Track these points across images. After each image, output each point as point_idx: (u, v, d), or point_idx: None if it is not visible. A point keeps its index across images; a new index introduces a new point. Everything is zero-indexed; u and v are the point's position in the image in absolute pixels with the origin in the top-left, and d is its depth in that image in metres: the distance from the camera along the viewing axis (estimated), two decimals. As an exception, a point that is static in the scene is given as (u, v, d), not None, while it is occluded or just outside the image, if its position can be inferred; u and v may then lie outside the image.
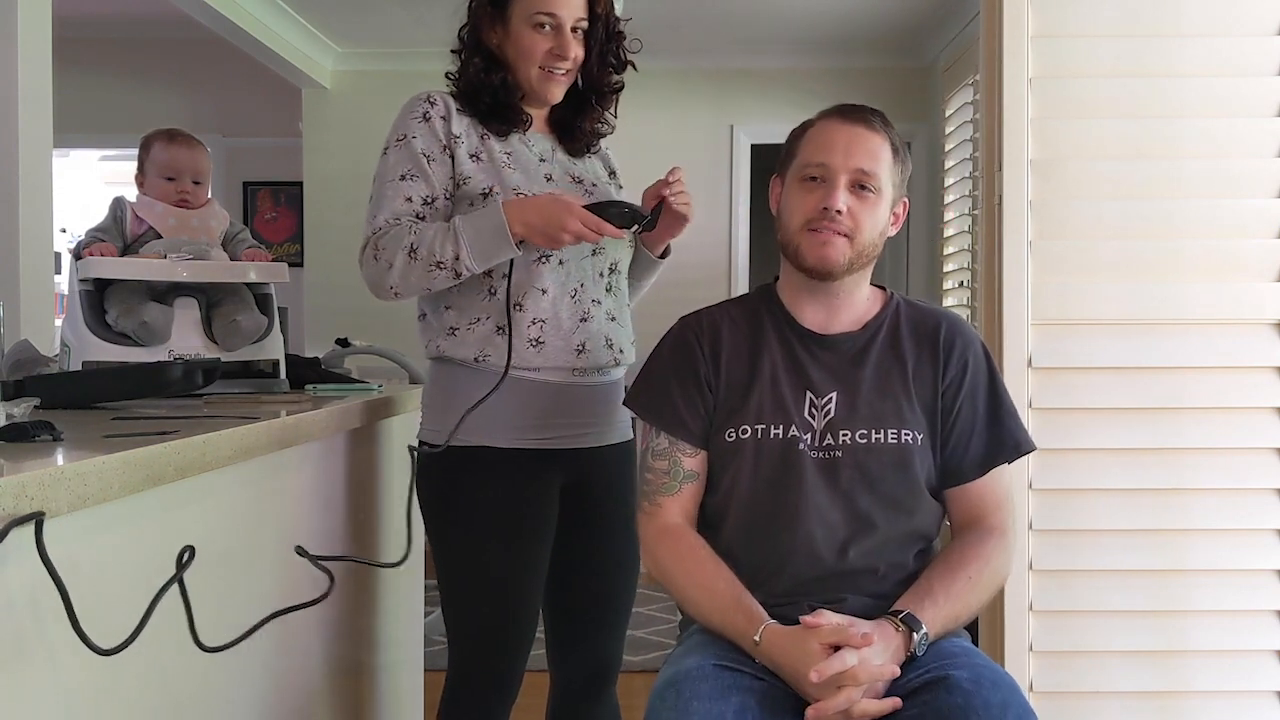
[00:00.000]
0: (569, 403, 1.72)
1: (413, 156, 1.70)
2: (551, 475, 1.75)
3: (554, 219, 1.62)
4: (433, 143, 1.71)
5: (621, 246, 1.82)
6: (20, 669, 0.94)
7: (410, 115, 1.73)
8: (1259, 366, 1.99)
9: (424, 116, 1.72)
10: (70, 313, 1.82)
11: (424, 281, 1.65)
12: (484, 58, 1.75)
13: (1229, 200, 2.00)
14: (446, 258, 1.63)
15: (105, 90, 5.79)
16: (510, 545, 1.71)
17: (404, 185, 1.69)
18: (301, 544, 1.51)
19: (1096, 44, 2.00)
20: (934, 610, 1.43)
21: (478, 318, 1.71)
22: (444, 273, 1.64)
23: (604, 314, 1.78)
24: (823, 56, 5.40)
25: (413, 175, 1.70)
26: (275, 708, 1.52)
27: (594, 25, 1.76)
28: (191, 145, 1.99)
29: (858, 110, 1.56)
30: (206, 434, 1.19)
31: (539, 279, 1.71)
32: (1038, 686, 1.97)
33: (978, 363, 1.57)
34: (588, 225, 1.62)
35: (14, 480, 0.85)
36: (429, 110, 1.72)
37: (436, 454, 1.70)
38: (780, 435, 1.52)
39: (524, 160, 1.75)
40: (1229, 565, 1.99)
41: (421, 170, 1.70)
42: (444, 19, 1.82)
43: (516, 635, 1.74)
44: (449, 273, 1.64)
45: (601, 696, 1.88)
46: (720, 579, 1.48)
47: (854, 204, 1.51)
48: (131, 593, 1.06)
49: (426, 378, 1.81)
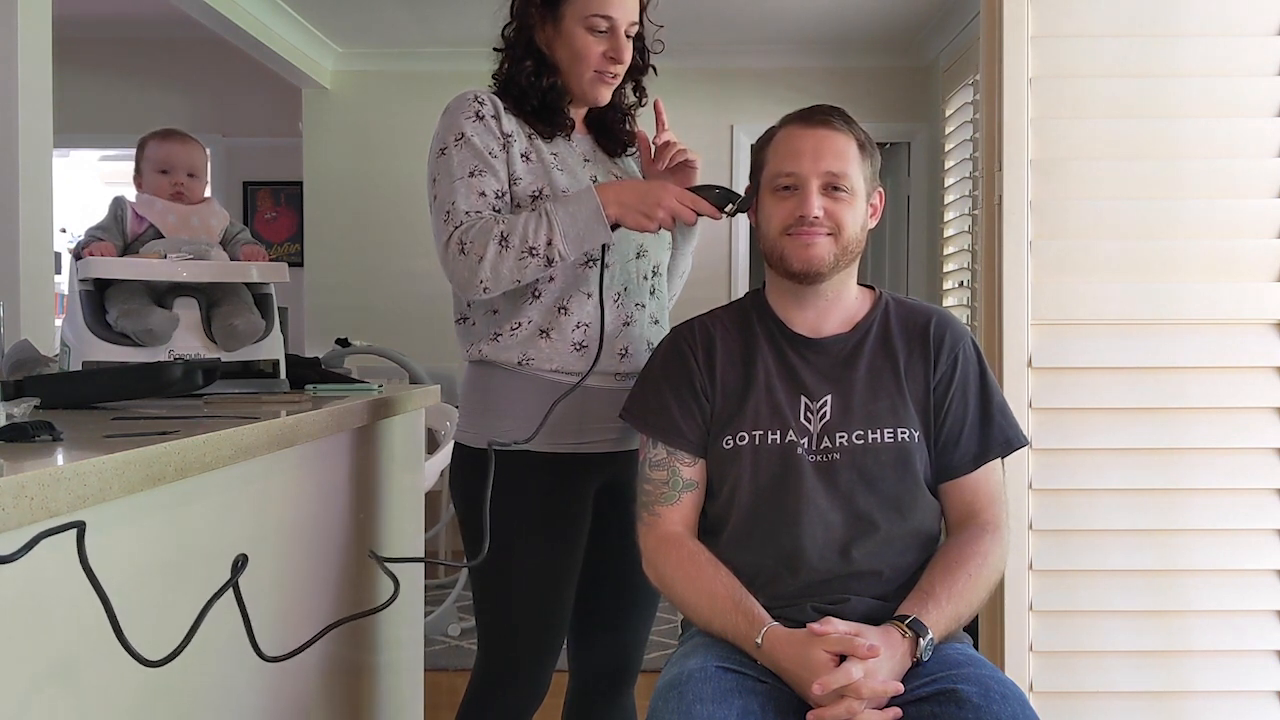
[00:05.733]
0: (609, 407, 1.70)
1: (477, 153, 1.66)
2: (588, 479, 1.75)
3: (650, 197, 1.60)
4: (491, 140, 1.67)
5: (663, 248, 1.81)
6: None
7: (463, 114, 1.68)
8: (1259, 366, 1.99)
9: (477, 115, 1.68)
10: (70, 313, 1.82)
11: (516, 272, 1.60)
12: (535, 60, 1.72)
13: (1229, 200, 2.00)
14: (539, 243, 1.59)
15: (105, 90, 5.80)
16: (547, 549, 1.71)
17: (474, 181, 1.65)
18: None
19: (1096, 44, 2.00)
20: (938, 612, 1.43)
21: (520, 321, 1.69)
22: (536, 260, 1.59)
23: (647, 317, 1.77)
24: (823, 56, 5.40)
25: (480, 171, 1.65)
26: (275, 708, 1.52)
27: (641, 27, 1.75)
28: (185, 140, 1.99)
29: (819, 112, 1.56)
30: (206, 434, 1.19)
31: (584, 283, 1.70)
32: (1038, 686, 1.97)
33: (968, 358, 1.57)
34: (684, 203, 1.61)
35: (14, 480, 0.85)
36: (480, 109, 1.68)
37: (476, 456, 1.69)
38: (778, 440, 1.52)
39: (569, 162, 1.74)
40: (1229, 565, 1.99)
41: (488, 165, 1.66)
42: (445, 18, 1.82)
43: (550, 638, 1.75)
44: (541, 260, 1.60)
45: (619, 698, 1.89)
46: (719, 582, 1.48)
47: (829, 205, 1.52)
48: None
49: (464, 380, 1.79)
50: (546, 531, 1.71)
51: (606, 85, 1.73)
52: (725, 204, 1.65)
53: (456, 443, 1.78)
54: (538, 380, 1.68)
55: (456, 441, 1.78)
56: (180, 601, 1.16)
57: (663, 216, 1.61)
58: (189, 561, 1.22)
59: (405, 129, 5.28)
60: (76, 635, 1.00)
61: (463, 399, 1.79)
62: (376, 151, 5.40)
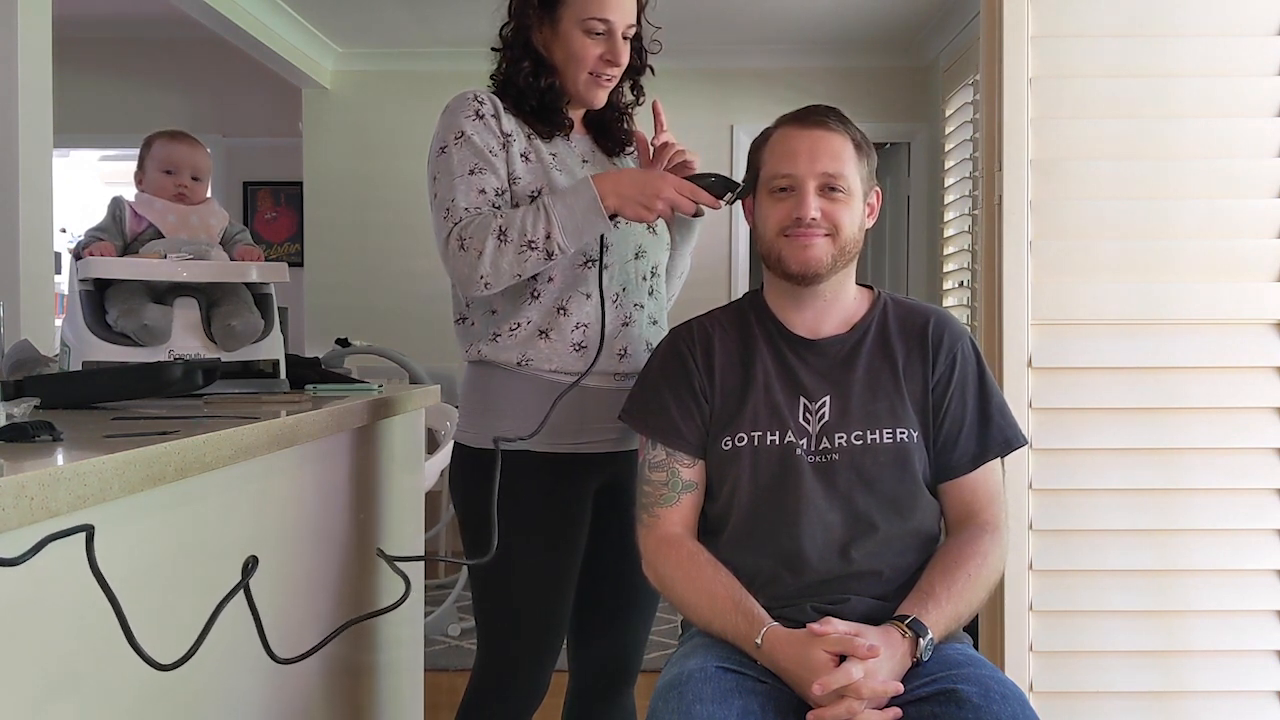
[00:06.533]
0: (608, 407, 1.70)
1: (477, 151, 1.66)
2: (588, 479, 1.75)
3: (649, 187, 1.60)
4: (490, 138, 1.67)
5: (661, 249, 1.81)
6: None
7: (462, 113, 1.68)
8: (1259, 366, 1.99)
9: (477, 114, 1.68)
10: (70, 313, 1.82)
11: (516, 266, 1.60)
12: (533, 60, 1.72)
13: (1228, 200, 2.00)
14: (538, 236, 1.58)
15: (105, 90, 5.80)
16: (546, 550, 1.71)
17: (474, 179, 1.64)
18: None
19: (1096, 44, 2.00)
20: (937, 612, 1.43)
21: (519, 322, 1.69)
22: (536, 254, 1.59)
23: (646, 318, 1.77)
24: (823, 56, 5.40)
25: (480, 169, 1.65)
26: (279, 709, 1.52)
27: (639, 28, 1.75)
28: (192, 144, 1.99)
29: (814, 113, 1.56)
30: (206, 434, 1.19)
31: (584, 283, 1.70)
32: (1038, 686, 1.97)
33: (966, 358, 1.57)
34: (682, 193, 1.61)
35: (14, 480, 0.85)
36: (480, 108, 1.68)
37: (476, 456, 1.69)
38: (777, 441, 1.52)
39: (568, 162, 1.74)
40: (1229, 565, 1.99)
41: (488, 163, 1.66)
42: (445, 18, 1.82)
43: (549, 639, 1.75)
44: (541, 253, 1.59)
45: (618, 698, 1.89)
46: (719, 583, 1.48)
47: (826, 206, 1.52)
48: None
49: (464, 381, 1.79)
50: (546, 532, 1.71)
51: (602, 88, 1.73)
52: (724, 193, 1.64)
53: (456, 443, 1.78)
54: (537, 380, 1.68)
55: (456, 441, 1.78)
56: (182, 602, 1.16)
57: (661, 207, 1.60)
58: (189, 562, 1.22)
59: (405, 129, 5.28)
60: (81, 638, 1.00)
61: (462, 399, 1.79)
62: (376, 151, 5.40)
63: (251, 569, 1.10)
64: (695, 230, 1.89)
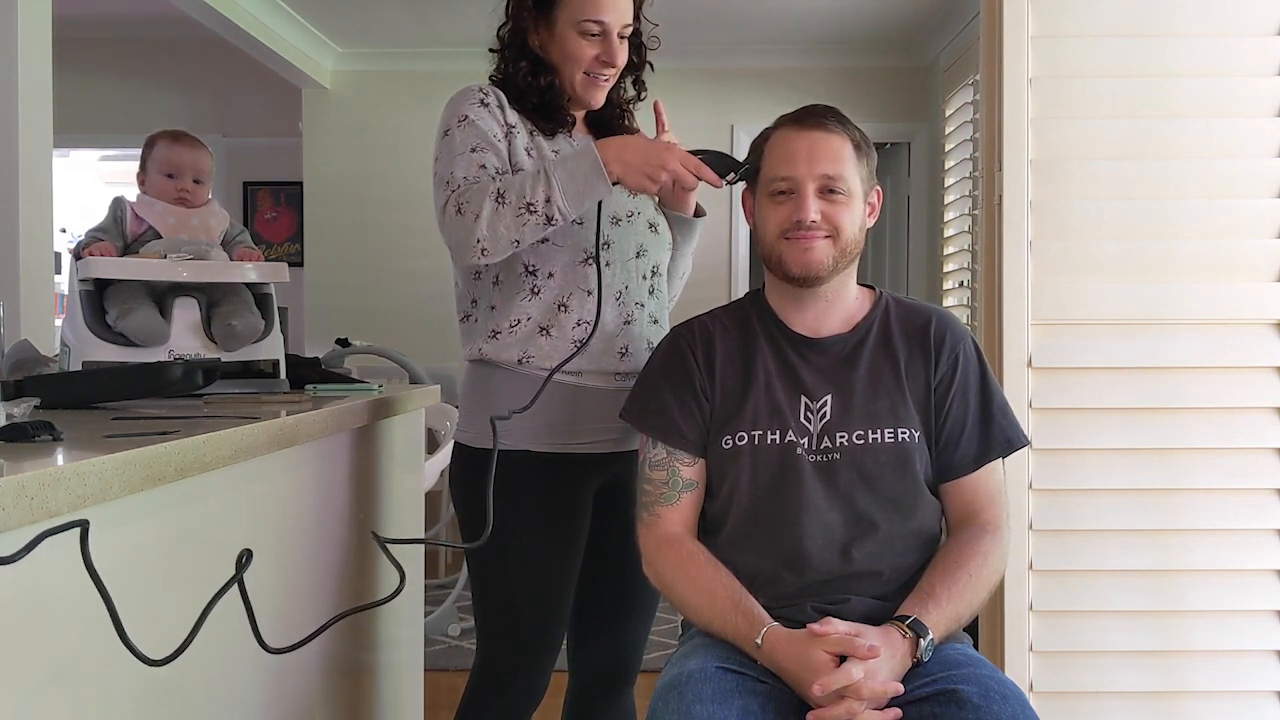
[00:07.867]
0: (608, 407, 1.70)
1: (480, 134, 1.65)
2: (588, 479, 1.74)
3: (654, 157, 1.58)
4: (494, 125, 1.67)
5: (662, 248, 1.81)
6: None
7: (466, 101, 1.68)
8: (1259, 366, 1.99)
9: (481, 103, 1.68)
10: (70, 313, 1.82)
11: (513, 231, 1.56)
12: (530, 60, 1.72)
13: (1228, 200, 2.00)
14: (538, 200, 1.55)
15: (105, 90, 5.80)
16: (546, 549, 1.71)
17: (475, 155, 1.63)
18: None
19: (1096, 44, 2.00)
20: (938, 612, 1.43)
21: (519, 318, 1.69)
22: (535, 218, 1.56)
23: (647, 317, 1.77)
24: (823, 56, 5.41)
25: (482, 148, 1.64)
26: (277, 707, 1.52)
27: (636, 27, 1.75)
28: (195, 146, 1.99)
29: (813, 114, 1.55)
30: (206, 434, 1.19)
31: (585, 280, 1.70)
32: (1038, 686, 1.97)
33: (968, 358, 1.57)
34: (687, 167, 1.60)
35: (14, 480, 0.85)
36: (485, 99, 1.69)
37: (476, 455, 1.69)
38: (777, 440, 1.52)
39: None
40: (1229, 565, 1.99)
41: (490, 144, 1.65)
42: (445, 18, 1.82)
43: (549, 639, 1.75)
44: (540, 217, 1.56)
45: (618, 698, 1.89)
46: (719, 583, 1.48)
47: (826, 208, 1.52)
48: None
49: (464, 380, 1.79)
50: (546, 532, 1.71)
51: (599, 88, 1.73)
52: (727, 172, 1.63)
53: (457, 442, 1.78)
54: (537, 379, 1.68)
55: (457, 441, 1.78)
56: (180, 600, 1.16)
57: (665, 178, 1.59)
58: (189, 561, 1.22)
59: (405, 129, 5.29)
60: (77, 634, 1.00)
61: (463, 398, 1.79)
62: (376, 151, 5.40)
63: (246, 562, 1.10)
64: (696, 231, 1.89)
